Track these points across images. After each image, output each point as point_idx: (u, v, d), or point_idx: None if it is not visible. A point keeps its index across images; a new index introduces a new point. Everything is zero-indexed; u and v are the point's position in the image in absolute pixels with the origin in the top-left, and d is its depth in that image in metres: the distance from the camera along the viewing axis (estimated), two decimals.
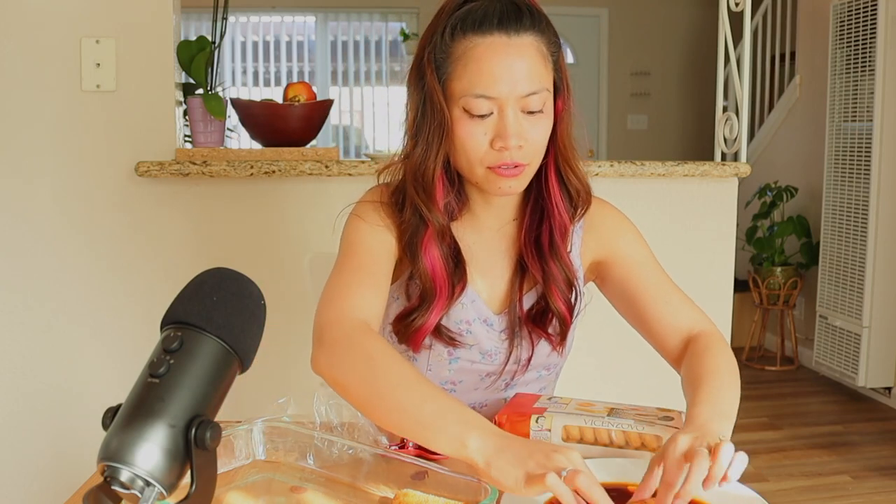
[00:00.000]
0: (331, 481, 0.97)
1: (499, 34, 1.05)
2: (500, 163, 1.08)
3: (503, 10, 1.06)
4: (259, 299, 0.72)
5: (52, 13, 1.88)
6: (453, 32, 1.06)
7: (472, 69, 1.05)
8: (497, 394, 1.26)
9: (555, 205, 1.16)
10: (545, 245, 1.17)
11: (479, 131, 1.07)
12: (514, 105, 1.06)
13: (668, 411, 1.11)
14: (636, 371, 2.21)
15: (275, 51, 6.23)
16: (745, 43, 2.36)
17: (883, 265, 3.83)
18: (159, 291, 1.94)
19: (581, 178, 1.18)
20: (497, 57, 1.05)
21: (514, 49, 1.05)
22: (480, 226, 1.21)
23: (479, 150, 1.08)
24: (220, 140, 2.08)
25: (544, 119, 1.10)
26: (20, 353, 1.96)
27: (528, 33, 1.06)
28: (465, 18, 1.06)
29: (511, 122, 1.06)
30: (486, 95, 1.05)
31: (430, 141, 1.10)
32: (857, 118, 3.90)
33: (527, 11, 1.07)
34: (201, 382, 0.65)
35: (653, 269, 1.23)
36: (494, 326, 1.20)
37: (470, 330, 1.18)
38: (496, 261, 1.21)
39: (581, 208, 1.19)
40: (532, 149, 1.09)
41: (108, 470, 0.61)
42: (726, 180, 2.20)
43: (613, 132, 6.43)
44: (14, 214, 1.93)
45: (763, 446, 3.40)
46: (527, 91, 1.06)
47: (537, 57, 1.07)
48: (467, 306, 1.18)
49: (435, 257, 1.14)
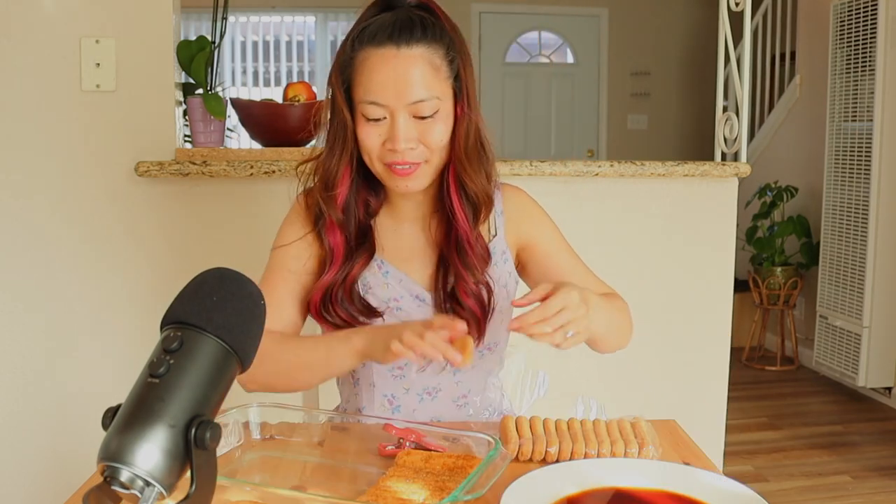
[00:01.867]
0: (323, 469, 0.98)
1: (389, 46, 1.15)
2: (392, 161, 1.18)
3: (395, 23, 1.16)
4: (259, 299, 0.72)
5: (52, 13, 1.88)
6: (354, 43, 1.18)
7: (365, 78, 1.16)
8: (446, 377, 1.31)
9: (454, 210, 1.24)
10: (453, 245, 1.25)
11: (374, 133, 1.18)
12: (404, 111, 1.16)
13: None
14: (636, 374, 2.21)
15: (275, 51, 6.23)
16: (745, 43, 2.36)
17: (883, 265, 3.83)
18: (159, 291, 1.94)
19: (479, 184, 1.24)
20: (386, 67, 1.15)
21: (402, 60, 1.14)
22: (402, 217, 1.30)
23: (376, 150, 1.19)
24: (220, 140, 2.08)
25: (437, 124, 1.18)
26: (20, 353, 1.96)
27: (419, 45, 1.15)
28: (364, 31, 1.17)
29: (400, 127, 1.16)
30: (377, 102, 1.15)
31: (335, 141, 1.22)
32: (857, 118, 3.90)
33: (419, 25, 1.16)
34: (201, 382, 0.66)
35: (565, 252, 1.35)
36: (427, 301, 1.28)
37: (400, 307, 1.27)
38: (421, 248, 1.30)
39: (481, 213, 1.26)
40: (425, 149, 1.18)
41: (107, 470, 0.61)
42: (726, 180, 2.20)
43: (613, 132, 6.43)
44: (14, 214, 1.93)
45: (763, 446, 3.40)
46: (415, 98, 1.15)
47: (426, 67, 1.16)
48: (393, 285, 1.27)
49: (336, 235, 1.25)
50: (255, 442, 1.07)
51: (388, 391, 1.30)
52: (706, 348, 2.25)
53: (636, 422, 1.12)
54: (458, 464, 0.98)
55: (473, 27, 6.17)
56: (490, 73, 6.25)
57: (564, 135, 6.45)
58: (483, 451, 0.97)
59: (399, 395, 1.31)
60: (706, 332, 2.24)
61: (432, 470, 0.98)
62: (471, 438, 1.01)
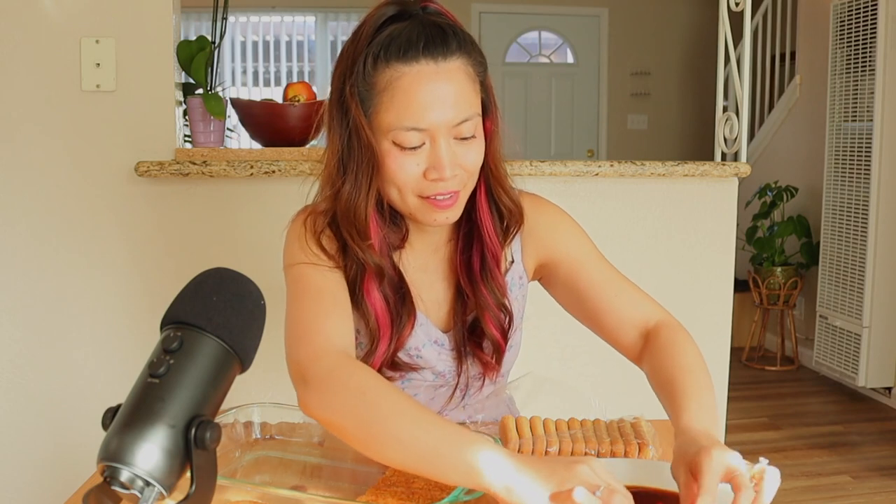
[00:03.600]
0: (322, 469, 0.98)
1: (426, 61, 0.99)
2: (436, 192, 1.03)
3: (428, 34, 0.99)
4: (259, 299, 0.72)
5: (52, 13, 1.88)
6: (376, 61, 0.99)
7: (399, 101, 0.99)
8: (455, 409, 1.24)
9: (485, 230, 1.12)
10: (476, 269, 1.13)
11: (411, 163, 1.01)
12: (447, 134, 1.01)
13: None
14: (636, 374, 2.21)
15: (275, 51, 6.23)
16: (745, 43, 2.36)
17: (883, 265, 3.83)
18: (159, 291, 1.94)
19: (513, 197, 1.14)
20: (426, 86, 0.98)
21: (443, 76, 0.99)
22: (417, 250, 1.16)
23: (412, 182, 1.03)
24: (220, 140, 2.08)
25: (476, 144, 1.04)
26: (20, 353, 1.96)
27: (455, 57, 1.01)
28: (389, 46, 0.99)
29: (444, 153, 1.00)
30: (417, 128, 0.99)
31: (360, 178, 1.04)
32: (857, 118, 3.90)
33: (452, 33, 1.01)
34: (201, 382, 0.65)
35: (598, 263, 1.18)
36: (445, 346, 1.18)
37: (420, 354, 1.16)
38: (436, 281, 1.18)
39: (513, 229, 1.15)
40: (464, 174, 1.05)
41: (107, 470, 0.61)
42: (726, 180, 2.20)
43: (613, 132, 6.43)
44: (14, 214, 1.93)
45: (763, 446, 3.40)
46: (459, 119, 1.01)
47: (466, 81, 1.02)
48: (416, 332, 1.15)
49: (377, 299, 1.09)
50: (255, 442, 1.07)
51: None
52: (706, 348, 2.22)
53: (636, 422, 1.12)
54: None
55: (473, 27, 6.17)
56: (490, 73, 6.24)
57: (564, 135, 6.45)
58: None
59: None
60: (706, 332, 2.24)
61: None
62: None
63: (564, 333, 1.74)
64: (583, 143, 6.45)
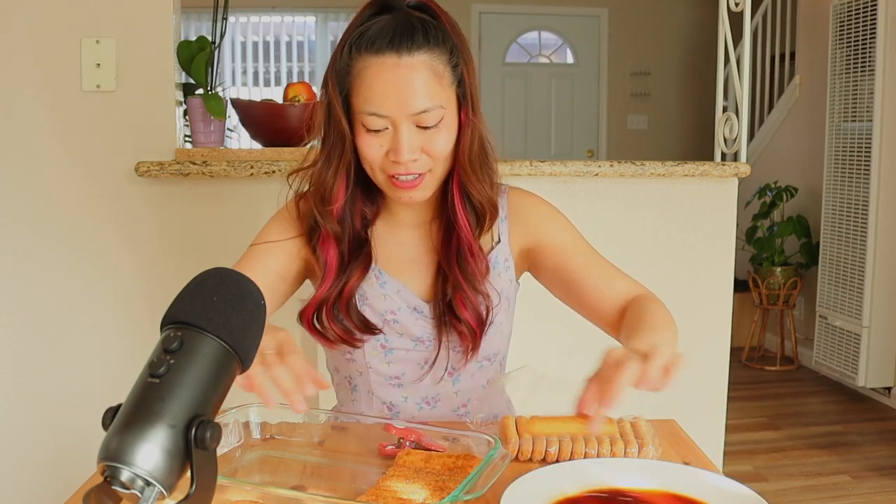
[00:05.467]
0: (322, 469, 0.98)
1: (389, 54, 1.08)
2: (396, 173, 1.13)
3: (395, 29, 1.09)
4: (259, 299, 0.72)
5: (52, 13, 1.88)
6: (351, 50, 1.11)
7: (365, 88, 1.10)
8: (445, 387, 1.29)
9: (458, 220, 1.19)
10: (454, 253, 1.20)
11: (375, 144, 1.12)
12: (408, 121, 1.10)
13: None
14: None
15: (275, 51, 6.23)
16: (745, 43, 2.36)
17: (883, 265, 3.83)
18: (159, 291, 1.94)
19: (483, 193, 1.19)
20: (387, 77, 1.08)
21: (404, 69, 1.08)
22: (401, 224, 1.26)
23: (378, 161, 1.13)
24: (220, 140, 2.08)
25: (441, 133, 1.12)
26: (20, 353, 1.96)
27: (421, 52, 1.09)
28: (361, 37, 1.10)
29: (404, 138, 1.10)
30: (378, 113, 1.10)
31: (332, 153, 1.16)
32: (857, 118, 3.90)
33: (421, 29, 1.10)
34: (201, 382, 0.66)
35: (582, 249, 1.26)
36: (425, 313, 1.24)
37: (397, 319, 1.24)
38: (420, 256, 1.25)
39: (485, 222, 1.21)
40: (429, 159, 1.13)
41: (108, 470, 0.61)
42: (726, 180, 2.20)
43: (613, 132, 6.43)
44: (14, 214, 1.93)
45: (763, 446, 3.40)
46: (418, 109, 1.09)
47: (429, 75, 1.10)
48: (391, 296, 1.23)
49: (331, 253, 1.20)
50: (255, 442, 1.07)
51: (387, 399, 1.29)
52: (706, 348, 2.25)
53: (636, 422, 1.12)
54: (458, 464, 0.99)
55: (473, 27, 6.17)
56: (490, 73, 6.25)
57: (564, 135, 6.45)
58: (483, 451, 0.98)
59: (398, 402, 1.30)
60: (706, 332, 2.24)
61: (432, 470, 0.98)
62: (471, 438, 1.01)
63: (564, 333, 1.74)
64: (583, 143, 6.45)
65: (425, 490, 0.92)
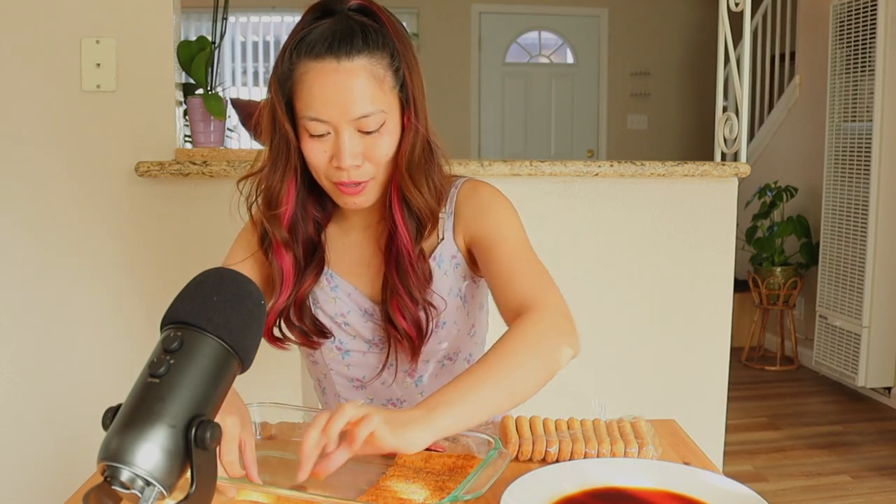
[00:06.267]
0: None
1: (329, 59, 1.06)
2: (339, 180, 1.12)
3: (335, 34, 1.07)
4: (259, 299, 0.72)
5: (52, 13, 1.88)
6: (292, 55, 1.09)
7: (305, 93, 1.08)
8: (408, 388, 1.29)
9: (397, 228, 1.16)
10: (394, 259, 1.18)
11: (319, 149, 1.11)
12: (349, 126, 1.08)
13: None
14: (636, 374, 2.21)
15: (275, 51, 6.21)
16: (745, 43, 2.36)
17: (883, 265, 3.83)
18: (159, 291, 1.94)
19: (422, 201, 1.16)
20: (325, 82, 1.07)
21: (343, 74, 1.06)
22: (350, 226, 1.25)
23: (322, 166, 1.12)
24: (220, 140, 2.08)
25: (383, 137, 1.11)
26: (20, 353, 1.96)
27: (360, 57, 1.07)
28: (301, 42, 1.08)
29: (346, 144, 1.08)
30: (319, 118, 1.08)
31: (278, 157, 1.14)
32: (857, 118, 3.90)
33: (360, 33, 1.08)
34: (201, 382, 0.66)
35: (510, 246, 1.17)
36: (375, 315, 1.24)
37: (347, 321, 1.24)
38: (369, 257, 1.24)
39: (425, 230, 1.17)
40: (371, 167, 1.12)
41: (108, 470, 0.61)
42: (726, 180, 2.20)
43: (613, 132, 6.43)
44: (14, 214, 1.93)
45: (763, 446, 3.40)
46: (358, 114, 1.08)
47: (369, 80, 1.08)
48: (342, 299, 1.23)
49: (285, 260, 1.19)
50: (255, 442, 1.07)
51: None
52: (706, 348, 2.25)
53: (636, 422, 1.12)
54: (458, 464, 0.99)
55: (473, 27, 6.17)
56: (490, 73, 6.25)
57: (564, 135, 6.45)
58: (483, 451, 0.98)
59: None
60: (706, 332, 2.24)
61: (432, 470, 0.98)
62: (471, 438, 1.01)
63: None
64: (583, 143, 6.45)
65: (425, 490, 0.92)
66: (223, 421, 0.88)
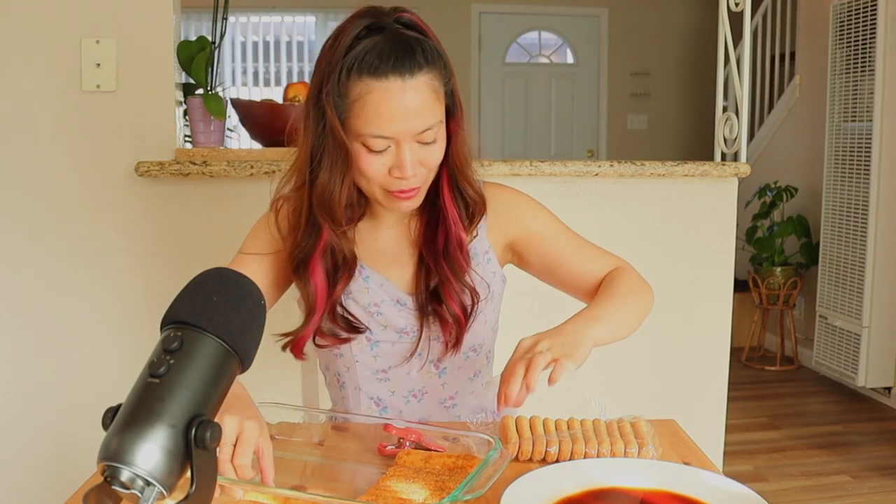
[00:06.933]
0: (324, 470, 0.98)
1: (394, 78, 1.08)
2: (397, 189, 1.15)
3: (397, 52, 1.09)
4: (259, 299, 0.72)
5: (52, 13, 1.88)
6: (349, 73, 1.09)
7: (369, 112, 1.09)
8: (431, 379, 1.31)
9: (450, 217, 1.22)
10: (440, 247, 1.23)
11: (377, 163, 1.13)
12: (410, 140, 1.12)
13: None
14: (636, 374, 2.21)
15: (275, 51, 6.23)
16: (745, 43, 2.36)
17: (883, 265, 3.83)
18: (159, 291, 1.94)
19: (476, 188, 1.24)
20: (392, 101, 1.09)
21: (410, 93, 1.09)
22: (381, 223, 1.28)
23: (378, 178, 1.15)
24: (220, 140, 2.08)
25: (438, 144, 1.16)
26: (20, 353, 1.96)
27: (422, 73, 1.10)
28: (361, 60, 1.09)
29: (407, 157, 1.12)
30: (384, 136, 1.10)
31: (334, 171, 1.15)
32: (857, 118, 3.90)
33: (420, 49, 1.10)
34: (201, 382, 0.66)
35: (562, 234, 1.32)
36: (408, 305, 1.27)
37: (380, 311, 1.26)
38: (401, 250, 1.28)
39: (477, 216, 1.25)
40: (425, 171, 1.16)
41: (108, 470, 0.61)
42: (726, 180, 2.20)
43: (613, 132, 6.43)
44: (14, 214, 1.93)
45: (763, 446, 3.40)
46: (422, 128, 1.11)
47: (431, 94, 1.12)
48: (374, 290, 1.26)
49: (319, 276, 1.21)
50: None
51: (374, 394, 1.30)
52: (706, 348, 2.25)
53: (636, 422, 1.12)
54: (458, 464, 0.99)
55: (473, 27, 6.17)
56: (490, 73, 6.25)
57: (564, 135, 6.45)
58: (483, 451, 0.98)
59: (385, 397, 1.31)
60: (706, 332, 2.24)
61: (432, 470, 0.98)
62: (471, 438, 1.01)
63: None
64: (583, 143, 6.45)
65: (425, 490, 0.92)
66: (242, 424, 0.91)
